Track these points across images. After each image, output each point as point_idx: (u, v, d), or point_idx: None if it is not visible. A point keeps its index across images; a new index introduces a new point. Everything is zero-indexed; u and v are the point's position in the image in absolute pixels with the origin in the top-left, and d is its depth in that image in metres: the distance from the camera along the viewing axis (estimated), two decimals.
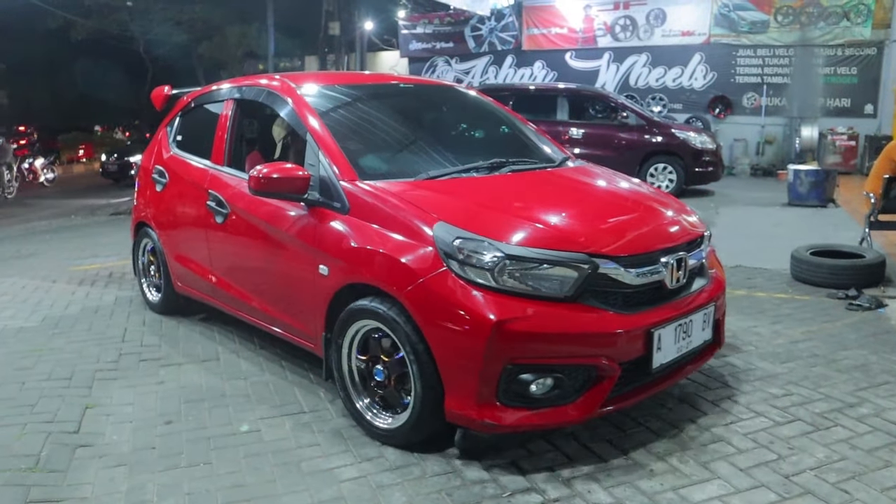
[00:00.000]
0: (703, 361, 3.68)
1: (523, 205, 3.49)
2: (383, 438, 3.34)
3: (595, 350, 3.01)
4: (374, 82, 4.97)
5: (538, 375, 2.97)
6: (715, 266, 3.88)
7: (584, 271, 3.02)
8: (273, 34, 21.23)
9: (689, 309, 3.37)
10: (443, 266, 3.04)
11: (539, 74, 18.40)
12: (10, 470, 3.15)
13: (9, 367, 4.44)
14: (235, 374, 4.24)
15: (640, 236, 3.36)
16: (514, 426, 3.00)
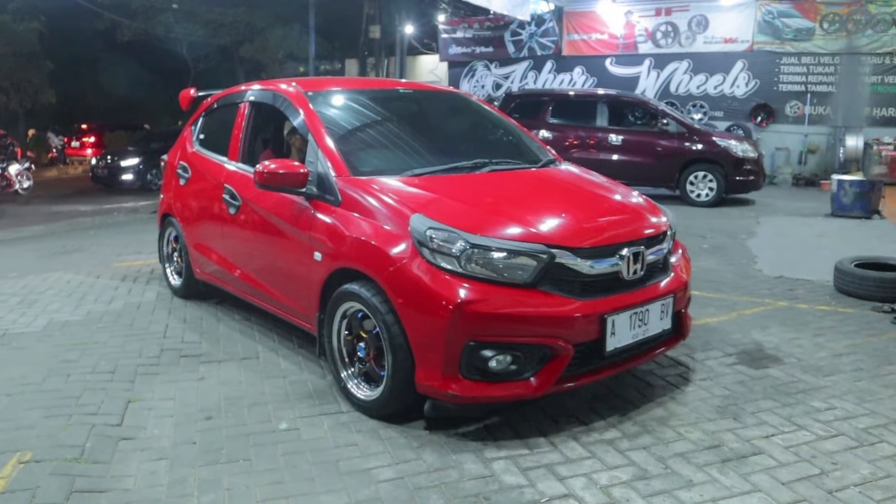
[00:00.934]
0: (663, 350, 3.98)
1: (494, 200, 3.85)
2: (363, 408, 3.69)
3: (550, 331, 3.33)
4: (375, 87, 5.49)
5: (497, 352, 3.29)
6: (681, 262, 4.15)
7: (542, 261, 3.37)
8: (314, 37, 21.42)
9: (645, 299, 3.65)
10: (416, 253, 3.42)
11: (579, 80, 18.31)
12: (56, 459, 3.23)
13: (55, 360, 4.55)
14: (274, 372, 4.29)
15: (600, 231, 3.70)
16: (475, 397, 3.33)
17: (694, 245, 8.28)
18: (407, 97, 5.36)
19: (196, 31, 26.25)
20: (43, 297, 6.19)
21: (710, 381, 4.15)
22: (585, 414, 3.69)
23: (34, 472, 3.12)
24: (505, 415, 3.65)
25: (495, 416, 3.49)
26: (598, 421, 3.60)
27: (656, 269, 3.88)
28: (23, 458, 3.24)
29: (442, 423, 3.54)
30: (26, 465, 3.18)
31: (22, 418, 3.67)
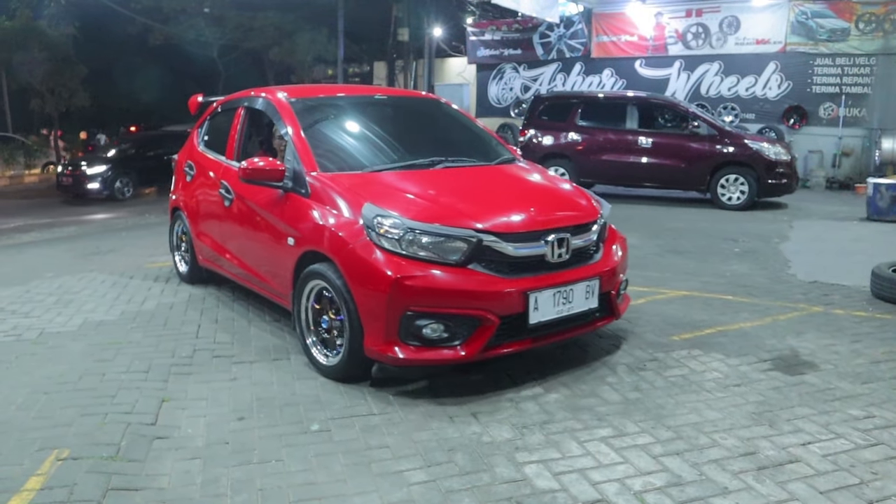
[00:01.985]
0: (595, 327, 4.49)
1: (438, 193, 4.37)
2: (326, 372, 4.25)
3: (477, 304, 3.81)
4: (354, 94, 5.92)
5: (431, 322, 3.79)
6: (614, 249, 4.62)
7: (471, 244, 3.88)
8: (342, 40, 21.53)
9: (569, 280, 4.13)
10: (365, 237, 3.97)
11: (608, 82, 18.20)
12: (93, 457, 3.27)
13: (90, 359, 4.61)
14: (305, 373, 4.31)
15: (527, 219, 4.18)
16: (412, 360, 3.84)
17: (725, 249, 8.19)
18: (381, 102, 5.94)
19: (226, 35, 26.49)
20: (78, 296, 6.29)
21: (744, 387, 4.09)
22: (617, 419, 3.65)
23: (71, 470, 3.16)
24: (536, 416, 3.64)
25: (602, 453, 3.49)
26: (630, 426, 3.57)
27: (584, 254, 4.35)
28: (60, 456, 3.28)
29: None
30: (64, 463, 3.22)
31: (59, 416, 3.72)
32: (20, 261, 8.53)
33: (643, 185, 12.77)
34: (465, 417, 3.66)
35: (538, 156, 13.29)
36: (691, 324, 5.28)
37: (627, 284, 4.82)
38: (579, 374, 4.27)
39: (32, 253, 9.24)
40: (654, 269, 7.13)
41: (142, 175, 18.11)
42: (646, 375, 4.26)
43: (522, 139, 13.72)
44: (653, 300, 5.94)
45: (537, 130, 13.42)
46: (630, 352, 4.66)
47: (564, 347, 4.73)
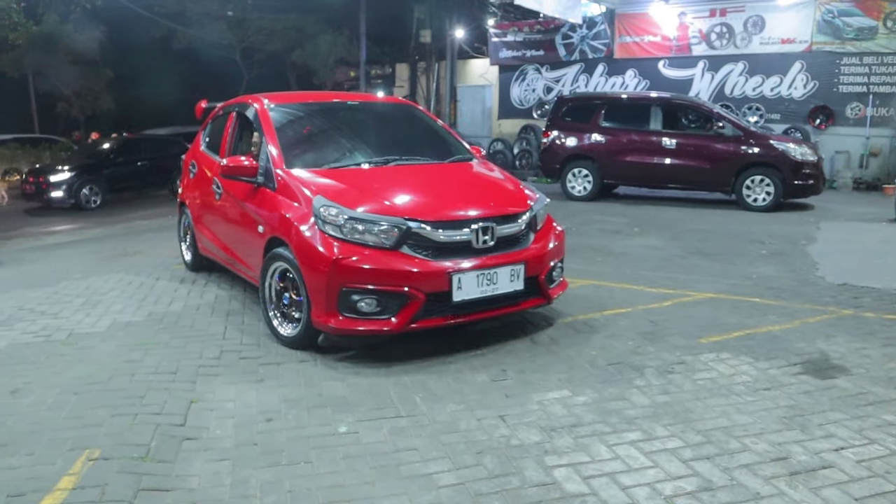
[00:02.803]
0: (524, 307, 4.97)
1: (381, 186, 4.92)
2: (285, 342, 4.86)
3: (405, 282, 4.34)
4: (326, 101, 6.66)
5: (364, 296, 4.36)
6: (546, 239, 5.04)
7: (401, 230, 4.44)
8: (365, 42, 21.59)
9: (492, 264, 4.59)
10: (314, 224, 4.55)
11: (631, 83, 18.09)
12: (124, 457, 3.29)
13: (119, 359, 4.65)
14: (332, 375, 4.32)
15: (455, 209, 4.73)
16: (349, 330, 4.44)
17: (752, 251, 8.10)
18: (353, 108, 6.51)
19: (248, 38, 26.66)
20: (106, 298, 6.35)
21: (774, 391, 4.04)
22: (646, 422, 3.62)
23: (103, 470, 3.19)
24: (564, 420, 3.62)
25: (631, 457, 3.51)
26: (659, 429, 3.54)
27: (511, 241, 4.80)
28: (92, 456, 3.31)
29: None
30: (95, 463, 3.25)
31: (90, 416, 3.76)
32: (48, 262, 8.64)
33: (667, 186, 12.67)
34: (493, 420, 3.65)
35: (561, 157, 13.27)
36: (719, 326, 5.23)
37: (562, 271, 5.31)
38: (606, 377, 4.24)
39: (60, 254, 9.36)
40: (679, 271, 7.07)
41: (112, 182, 16.76)
42: (674, 379, 4.22)
43: (545, 140, 13.67)
44: (679, 302, 5.89)
45: (560, 132, 13.36)
46: (657, 355, 4.62)
47: (592, 348, 4.70)
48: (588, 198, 12.98)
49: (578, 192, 13.10)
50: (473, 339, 4.96)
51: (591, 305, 5.80)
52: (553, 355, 4.62)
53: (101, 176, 16.61)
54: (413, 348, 4.77)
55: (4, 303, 6.31)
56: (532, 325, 5.29)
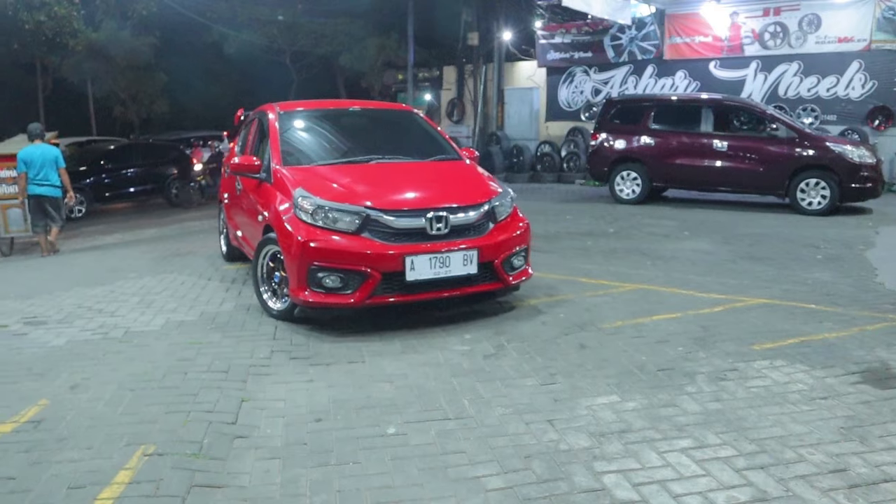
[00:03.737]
0: (481, 290, 5.45)
1: (353, 180, 5.57)
2: (274, 315, 5.62)
3: (363, 262, 4.99)
4: (330, 107, 7.22)
5: (329, 274, 5.03)
6: (506, 229, 5.53)
7: (362, 217, 5.11)
8: (412, 45, 21.68)
9: (445, 248, 5.14)
10: (292, 212, 5.27)
11: (681, 85, 17.81)
12: (177, 454, 3.36)
13: (173, 358, 4.75)
14: (380, 376, 4.34)
15: (412, 199, 5.39)
16: (317, 303, 5.12)
17: (807, 256, 7.90)
18: (353, 113, 7.25)
19: (298, 42, 27.02)
20: (160, 297, 6.50)
21: (831, 400, 3.93)
22: (698, 429, 3.56)
23: (157, 465, 3.26)
24: (613, 425, 3.58)
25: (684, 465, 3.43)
26: (711, 437, 3.47)
27: (466, 229, 5.33)
28: (147, 451, 3.39)
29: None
30: (150, 458, 3.32)
31: (145, 413, 3.85)
32: (105, 262, 8.88)
33: (718, 189, 12.45)
34: (541, 424, 3.63)
35: (610, 160, 13.14)
36: (773, 333, 5.11)
37: (525, 260, 5.76)
38: (657, 383, 4.18)
39: (116, 254, 9.61)
40: (731, 275, 6.94)
41: (99, 191, 16.22)
42: (726, 386, 4.14)
43: (594, 143, 13.56)
44: (731, 308, 5.77)
45: (609, 134, 13.24)
46: (709, 361, 4.54)
47: (642, 353, 4.64)
48: (636, 201, 12.83)
49: (627, 195, 12.97)
50: (522, 343, 4.94)
51: (639, 310, 5.73)
52: (602, 360, 4.58)
53: (86, 184, 15.88)
54: (462, 352, 4.77)
55: (65, 300, 6.51)
56: (580, 329, 5.25)
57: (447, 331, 5.23)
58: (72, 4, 20.85)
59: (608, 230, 9.90)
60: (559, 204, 13.35)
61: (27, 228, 10.93)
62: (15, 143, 11.92)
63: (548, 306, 5.87)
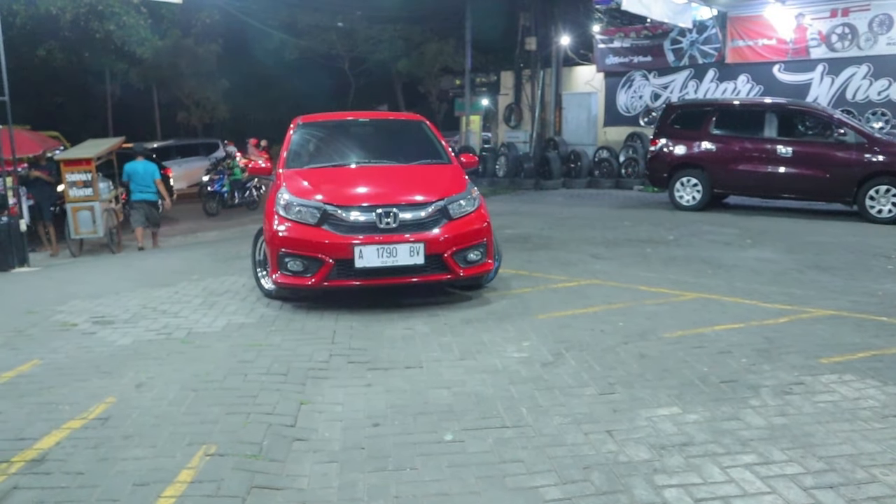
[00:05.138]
0: (428, 279, 6.04)
1: (328, 180, 6.45)
2: (267, 295, 6.54)
3: (319, 250, 5.80)
4: (342, 119, 7.92)
5: (293, 259, 5.89)
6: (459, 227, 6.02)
7: (321, 211, 5.91)
8: (470, 51, 21.71)
9: (391, 241, 5.79)
10: (275, 206, 6.17)
11: (743, 89, 17.39)
12: (238, 455, 3.42)
13: (233, 359, 4.84)
14: (438, 382, 4.34)
15: (365, 197, 6.13)
16: (286, 283, 6.01)
17: (877, 266, 7.63)
18: (362, 123, 7.93)
19: (356, 48, 27.39)
20: (221, 299, 6.64)
21: None
22: (762, 445, 3.45)
23: (218, 465, 3.32)
24: (674, 438, 3.50)
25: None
26: (777, 453, 3.37)
27: (416, 224, 5.92)
28: (208, 451, 3.45)
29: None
30: (211, 458, 3.39)
31: (207, 413, 3.92)
32: (168, 264, 9.10)
33: (781, 196, 12.13)
34: (601, 435, 3.57)
35: (669, 166, 12.92)
36: (841, 346, 4.94)
37: (483, 255, 6.18)
38: (719, 395, 4.08)
39: (179, 256, 9.85)
40: (796, 285, 6.73)
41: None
42: (792, 400, 4.01)
43: (653, 149, 13.35)
44: (796, 319, 5.60)
45: (669, 139, 13.02)
46: (774, 374, 4.41)
47: (704, 364, 4.53)
48: (697, 207, 12.58)
49: (687, 202, 12.72)
50: (580, 352, 4.88)
51: (701, 319, 5.60)
52: (662, 370, 4.49)
53: None
54: (520, 360, 4.74)
55: (130, 301, 6.70)
56: (640, 338, 5.16)
57: (505, 338, 5.21)
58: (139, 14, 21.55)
59: (667, 237, 9.73)
60: (617, 210, 13.18)
61: (95, 230, 11.33)
62: (83, 149, 12.35)
63: (606, 314, 5.80)
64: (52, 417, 3.94)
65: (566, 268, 7.70)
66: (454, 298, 6.44)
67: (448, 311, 5.97)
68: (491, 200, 15.81)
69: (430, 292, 6.58)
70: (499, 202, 15.31)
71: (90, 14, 20.56)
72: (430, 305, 6.20)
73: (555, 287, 6.81)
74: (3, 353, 5.20)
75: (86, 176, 11.32)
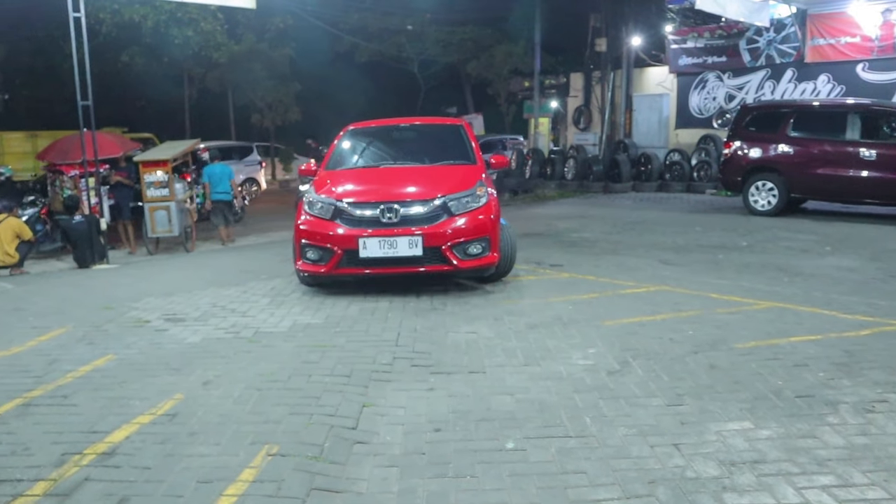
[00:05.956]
0: (427, 269, 6.54)
1: (349, 180, 7.18)
2: (301, 280, 7.15)
3: (330, 242, 6.49)
4: (386, 125, 8.61)
5: (311, 249, 6.61)
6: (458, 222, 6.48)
7: (334, 208, 6.59)
8: (539, 52, 21.55)
9: (391, 234, 6.38)
10: (303, 204, 6.87)
11: (823, 89, 16.74)
12: (299, 455, 3.44)
13: (298, 360, 4.89)
14: (501, 388, 4.29)
15: (371, 194, 6.71)
16: (304, 271, 6.73)
17: None
18: (404, 128, 8.62)
19: (426, 51, 27.55)
20: (288, 299, 6.73)
21: None
22: (841, 466, 3.27)
23: (280, 466, 3.34)
24: (745, 454, 3.35)
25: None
26: (857, 476, 3.18)
27: (417, 219, 6.46)
28: (271, 451, 3.48)
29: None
30: (273, 458, 3.41)
31: (270, 413, 3.97)
32: (239, 263, 9.30)
33: (864, 201, 11.60)
34: (667, 448, 3.45)
35: (744, 169, 12.53)
36: None
37: (486, 249, 6.56)
38: (794, 411, 3.89)
39: (249, 256, 10.06)
40: (880, 296, 6.40)
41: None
42: (875, 419, 3.79)
43: (727, 151, 12.98)
44: (880, 332, 5.32)
45: (743, 142, 12.63)
46: (854, 390, 4.19)
47: (778, 377, 4.34)
48: (772, 213, 12.15)
49: (762, 207, 12.31)
50: (648, 360, 4.75)
51: (775, 330, 5.38)
52: (734, 382, 4.32)
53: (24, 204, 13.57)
54: (586, 367, 4.65)
55: (201, 299, 6.86)
56: (711, 348, 4.98)
57: (571, 345, 5.11)
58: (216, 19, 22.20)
59: (741, 243, 9.42)
60: (688, 215, 12.85)
61: (170, 229, 11.69)
62: (161, 150, 12.77)
63: (675, 322, 5.63)
64: (124, 412, 4.05)
65: (634, 273, 7.53)
66: (519, 304, 6.37)
67: (513, 317, 5.90)
68: (558, 203, 15.67)
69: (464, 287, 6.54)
70: (566, 205, 15.14)
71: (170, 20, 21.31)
72: (495, 310, 6.14)
73: (622, 293, 6.66)
74: (81, 347, 5.39)
75: (163, 177, 11.69)
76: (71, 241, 10.65)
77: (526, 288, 6.98)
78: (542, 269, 7.87)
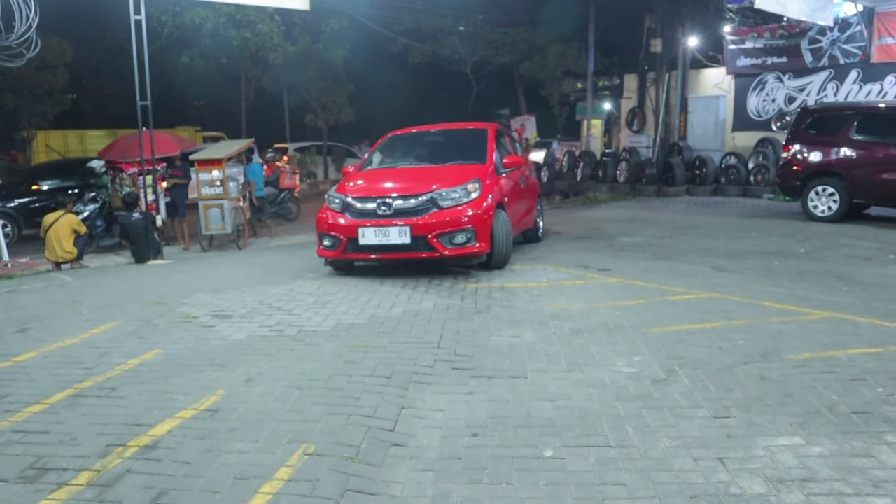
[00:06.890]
0: (419, 256, 7.48)
1: (365, 178, 8.30)
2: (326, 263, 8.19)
3: (338, 231, 7.62)
4: (422, 129, 9.66)
5: (326, 237, 7.75)
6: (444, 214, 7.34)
7: (343, 202, 7.74)
8: (593, 53, 21.29)
9: (384, 224, 7.35)
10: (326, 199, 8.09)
11: (890, 91, 16.13)
12: (335, 456, 3.43)
13: (340, 360, 4.90)
14: (542, 394, 4.21)
15: (372, 190, 7.79)
16: (322, 255, 7.91)
17: None
18: (435, 132, 9.57)
19: (479, 51, 27.47)
20: (333, 298, 6.76)
21: None
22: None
23: (315, 465, 3.34)
24: (795, 471, 3.21)
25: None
26: None
27: (405, 211, 7.37)
28: (307, 450, 3.48)
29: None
30: (310, 458, 3.41)
31: (309, 412, 3.97)
32: (288, 262, 9.40)
33: None
34: (711, 462, 3.34)
35: (803, 173, 12.16)
36: None
37: (472, 239, 7.37)
38: (849, 428, 3.72)
39: (298, 255, 10.15)
40: None
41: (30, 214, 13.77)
42: None
43: (785, 155, 12.61)
44: None
45: (803, 145, 12.24)
46: None
47: (833, 392, 4.17)
48: (833, 218, 11.75)
49: (821, 212, 11.91)
50: (694, 370, 4.61)
51: (831, 341, 5.17)
52: (785, 395, 4.16)
53: (11, 206, 13.99)
54: (630, 375, 4.54)
55: (249, 297, 6.95)
56: (762, 359, 4.81)
57: (615, 352, 5.00)
58: (273, 21, 22.55)
59: (798, 250, 9.12)
60: (743, 219, 12.52)
61: (223, 227, 11.89)
62: (215, 150, 12.99)
63: (725, 331, 5.46)
64: (167, 406, 4.11)
65: (684, 279, 7.35)
66: (565, 308, 6.27)
67: (558, 321, 5.82)
68: (609, 206, 15.45)
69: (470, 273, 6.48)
70: (617, 208, 14.91)
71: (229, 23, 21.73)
72: (540, 314, 6.06)
73: (671, 299, 6.50)
74: (131, 341, 5.50)
75: (217, 175, 11.90)
76: (129, 236, 10.92)
77: (572, 292, 6.88)
78: (589, 274, 7.75)
